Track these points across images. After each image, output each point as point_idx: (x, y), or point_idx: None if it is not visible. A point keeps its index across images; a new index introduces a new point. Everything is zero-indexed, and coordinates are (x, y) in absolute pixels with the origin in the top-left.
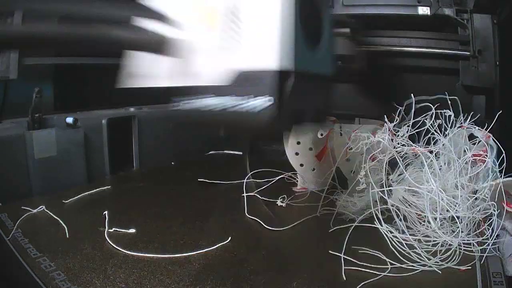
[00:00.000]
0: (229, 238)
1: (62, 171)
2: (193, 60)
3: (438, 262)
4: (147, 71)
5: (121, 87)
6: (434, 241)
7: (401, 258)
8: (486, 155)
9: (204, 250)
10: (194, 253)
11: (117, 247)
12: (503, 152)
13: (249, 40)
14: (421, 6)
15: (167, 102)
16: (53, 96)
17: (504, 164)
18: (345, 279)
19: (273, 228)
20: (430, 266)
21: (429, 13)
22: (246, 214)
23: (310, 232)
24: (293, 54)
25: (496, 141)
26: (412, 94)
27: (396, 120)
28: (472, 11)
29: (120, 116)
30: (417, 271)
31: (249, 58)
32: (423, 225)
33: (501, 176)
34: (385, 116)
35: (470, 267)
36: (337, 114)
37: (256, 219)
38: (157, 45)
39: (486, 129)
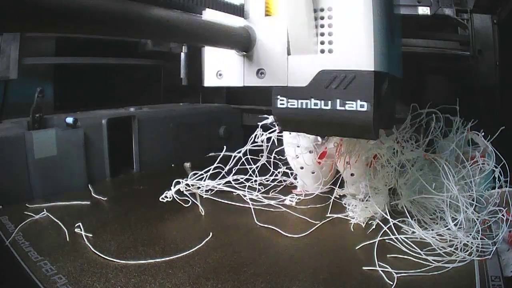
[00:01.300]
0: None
1: (62, 171)
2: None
3: (465, 257)
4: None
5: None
6: (450, 239)
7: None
8: (485, 160)
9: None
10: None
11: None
12: (503, 160)
13: (341, 38)
14: (421, 6)
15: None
16: (53, 96)
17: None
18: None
19: (285, 234)
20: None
21: (429, 13)
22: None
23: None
24: (385, 52)
25: (495, 150)
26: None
27: (408, 126)
28: (472, 11)
29: (120, 116)
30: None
31: (340, 59)
32: (437, 223)
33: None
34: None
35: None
36: None
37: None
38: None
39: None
